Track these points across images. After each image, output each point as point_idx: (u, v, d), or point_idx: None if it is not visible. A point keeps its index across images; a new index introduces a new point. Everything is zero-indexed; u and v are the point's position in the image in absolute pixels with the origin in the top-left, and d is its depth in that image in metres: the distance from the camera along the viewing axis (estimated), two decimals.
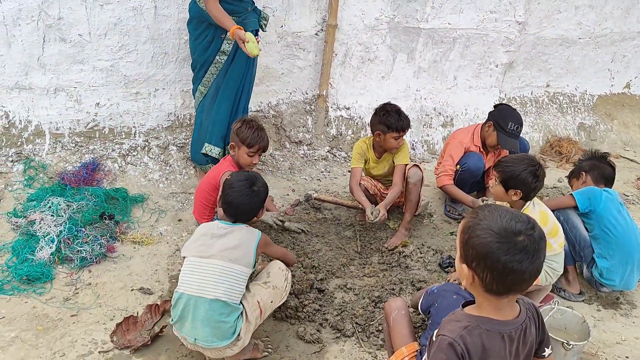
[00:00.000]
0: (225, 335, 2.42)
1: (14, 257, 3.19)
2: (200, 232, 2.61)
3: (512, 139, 3.89)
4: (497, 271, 1.28)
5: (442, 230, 3.93)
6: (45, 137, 3.88)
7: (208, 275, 2.45)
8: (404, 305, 2.41)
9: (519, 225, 1.31)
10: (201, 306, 2.41)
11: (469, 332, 1.34)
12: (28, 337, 2.70)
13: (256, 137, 3.28)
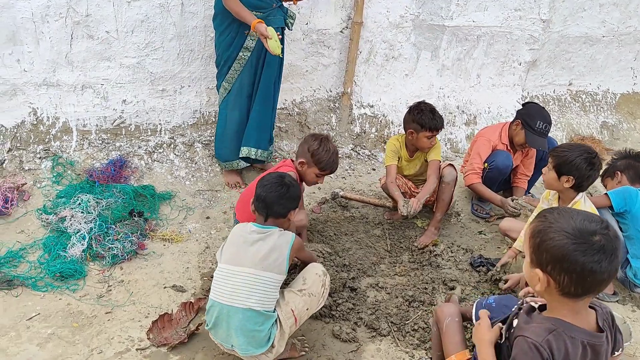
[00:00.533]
0: (260, 343, 2.41)
1: (46, 254, 3.19)
2: (234, 236, 2.56)
3: (541, 137, 3.85)
4: (575, 273, 1.24)
5: (471, 229, 3.90)
6: (72, 133, 3.87)
7: (240, 284, 2.41)
8: (457, 312, 2.34)
9: (593, 225, 1.28)
10: (234, 315, 2.39)
11: (555, 337, 1.30)
12: (64, 333, 2.70)
13: (331, 164, 3.24)
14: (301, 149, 3.25)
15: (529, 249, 1.36)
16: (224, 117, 3.92)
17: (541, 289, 1.32)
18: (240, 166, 4.02)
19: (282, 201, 2.58)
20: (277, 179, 2.64)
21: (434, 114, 3.55)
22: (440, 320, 2.35)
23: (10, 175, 3.63)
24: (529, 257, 1.36)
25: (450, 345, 2.28)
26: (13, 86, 3.65)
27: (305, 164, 3.20)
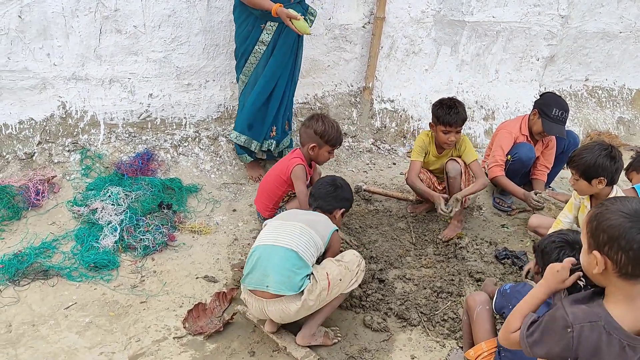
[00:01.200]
0: (293, 286, 2.50)
1: (79, 245, 3.24)
2: (287, 211, 2.91)
3: (557, 124, 3.89)
4: (632, 251, 1.28)
5: (493, 223, 3.94)
6: (100, 127, 3.93)
7: (287, 231, 2.63)
8: (488, 300, 2.42)
9: None
10: (276, 254, 2.54)
11: (592, 327, 1.33)
12: (102, 322, 2.75)
13: (339, 137, 3.41)
14: (306, 135, 3.39)
15: (586, 234, 1.39)
16: (241, 107, 3.97)
17: (598, 271, 1.35)
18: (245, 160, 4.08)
19: (329, 198, 2.92)
20: (330, 179, 3.03)
21: (452, 109, 3.54)
22: (471, 308, 2.41)
23: (40, 168, 3.69)
24: (586, 244, 1.40)
25: (480, 332, 2.36)
26: (43, 80, 3.70)
27: (316, 147, 3.35)
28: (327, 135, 3.33)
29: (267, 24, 3.59)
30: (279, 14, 3.40)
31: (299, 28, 3.40)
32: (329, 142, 3.35)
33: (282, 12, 3.39)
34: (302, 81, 4.49)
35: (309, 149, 3.37)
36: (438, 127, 3.61)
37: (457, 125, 3.58)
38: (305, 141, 3.39)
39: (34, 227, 3.36)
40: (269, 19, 3.55)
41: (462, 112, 3.60)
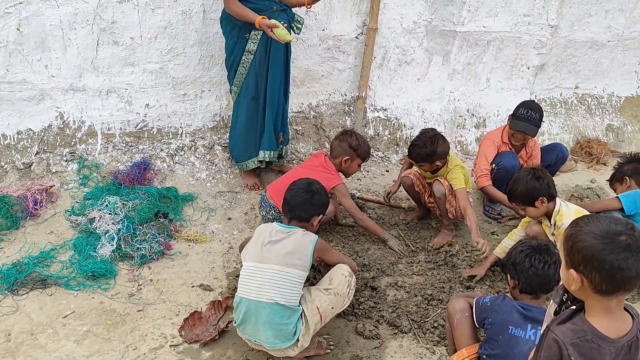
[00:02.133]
0: (287, 337, 2.53)
1: (77, 254, 3.30)
2: (258, 235, 2.69)
3: (521, 122, 3.99)
4: (605, 271, 1.36)
5: (483, 230, 4.02)
6: (97, 137, 3.99)
7: (266, 279, 2.54)
8: (468, 307, 2.47)
9: (619, 227, 1.40)
10: (262, 310, 2.51)
11: (582, 342, 1.40)
12: (99, 330, 2.82)
13: (369, 151, 3.74)
14: (340, 148, 3.59)
15: (563, 252, 1.47)
16: (234, 119, 4.05)
17: (576, 288, 1.43)
18: (250, 167, 4.11)
19: (306, 206, 2.73)
20: (305, 185, 2.81)
21: (411, 145, 3.68)
22: (451, 315, 2.49)
23: (38, 178, 3.75)
24: (564, 261, 1.48)
25: (461, 339, 2.45)
26: (41, 91, 3.76)
27: (349, 160, 3.58)
28: (360, 149, 3.61)
29: (251, 34, 3.65)
30: (262, 26, 3.48)
31: (279, 36, 3.46)
32: (360, 156, 3.64)
33: (264, 24, 3.47)
34: (297, 90, 4.57)
35: (342, 161, 3.59)
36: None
37: (416, 162, 3.70)
38: (338, 154, 3.61)
39: (32, 237, 3.42)
40: (252, 28, 3.60)
41: (421, 150, 3.59)
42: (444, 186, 3.66)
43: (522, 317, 2.30)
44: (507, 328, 2.28)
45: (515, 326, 2.27)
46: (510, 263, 2.39)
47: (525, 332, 2.27)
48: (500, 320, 2.31)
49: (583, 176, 5.04)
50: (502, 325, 2.30)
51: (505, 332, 2.28)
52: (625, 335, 1.43)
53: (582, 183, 4.85)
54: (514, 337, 2.27)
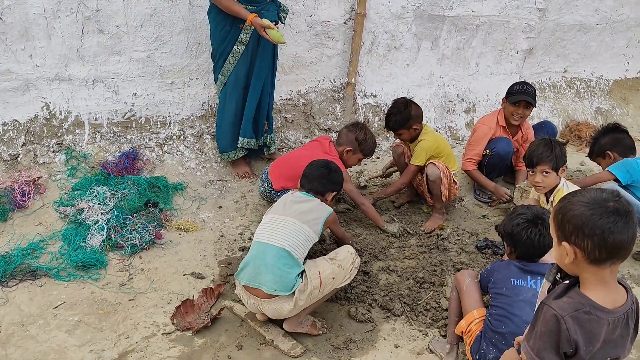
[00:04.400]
0: (285, 286, 2.58)
1: (66, 245, 3.28)
2: (282, 198, 2.92)
3: (520, 94, 4.07)
4: (596, 236, 1.37)
5: (474, 214, 4.04)
6: (84, 127, 3.95)
7: (280, 228, 2.70)
8: (475, 274, 2.63)
9: (606, 194, 1.42)
10: (269, 252, 2.62)
11: (580, 315, 1.41)
12: (91, 320, 2.80)
13: (374, 149, 3.80)
14: (346, 137, 3.66)
15: (554, 228, 1.47)
16: (221, 109, 4.01)
17: (569, 261, 1.43)
18: (238, 156, 4.09)
19: (323, 181, 2.98)
20: (324, 162, 3.09)
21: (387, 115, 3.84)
22: (460, 282, 2.60)
23: (25, 169, 3.71)
24: (555, 237, 1.48)
25: (470, 302, 2.53)
26: (26, 81, 3.71)
27: (351, 151, 3.63)
28: (364, 145, 3.67)
29: (245, 24, 3.62)
30: (254, 24, 3.50)
31: (273, 37, 3.49)
32: (363, 152, 3.70)
33: (257, 23, 3.47)
34: (285, 78, 4.55)
35: (344, 151, 3.64)
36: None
37: (389, 130, 3.88)
38: (343, 142, 3.67)
39: (20, 228, 3.39)
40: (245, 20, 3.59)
41: (390, 122, 3.78)
42: (439, 169, 3.66)
43: (521, 271, 2.45)
44: (509, 281, 2.42)
45: (516, 278, 2.42)
46: (507, 233, 2.53)
47: (526, 282, 2.42)
48: (502, 277, 2.46)
49: (573, 159, 5.04)
50: (505, 280, 2.44)
51: (508, 284, 2.42)
52: (621, 307, 1.44)
53: (572, 166, 4.86)
54: (516, 287, 2.40)
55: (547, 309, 1.44)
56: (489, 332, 2.39)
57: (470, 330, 2.48)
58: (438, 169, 3.66)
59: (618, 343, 1.45)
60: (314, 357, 2.67)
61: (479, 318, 2.47)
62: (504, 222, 2.61)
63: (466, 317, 2.50)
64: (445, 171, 3.68)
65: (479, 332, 2.44)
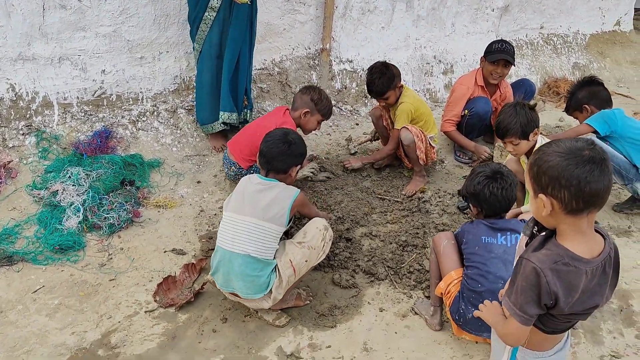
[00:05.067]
0: (259, 288, 2.52)
1: (42, 228, 3.21)
2: (239, 187, 2.68)
3: (496, 53, 4.03)
4: (573, 187, 1.34)
5: (455, 175, 4.03)
6: (53, 107, 3.83)
7: (241, 231, 2.53)
8: (452, 236, 2.61)
9: (580, 144, 1.39)
10: (235, 261, 2.51)
11: (559, 267, 1.39)
12: (72, 302, 2.75)
13: (331, 109, 3.64)
14: (301, 101, 3.50)
15: (530, 181, 1.44)
16: (198, 79, 3.93)
17: (547, 213, 1.40)
18: (217, 129, 4.01)
19: (283, 157, 2.69)
20: (280, 135, 2.75)
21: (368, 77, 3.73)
22: (437, 244, 2.59)
23: None
24: (531, 190, 1.45)
25: (448, 264, 2.53)
26: None
27: (309, 113, 3.48)
28: (320, 104, 3.51)
29: None
30: None
31: None
32: (321, 112, 3.54)
33: None
34: (259, 47, 4.42)
35: (301, 114, 3.49)
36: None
37: (373, 96, 3.77)
38: (298, 106, 3.51)
39: None
40: None
41: (376, 85, 3.65)
42: (412, 133, 3.62)
43: (490, 229, 2.47)
44: (480, 239, 2.44)
45: (486, 236, 2.44)
46: (471, 194, 2.52)
47: (496, 239, 2.44)
48: (473, 237, 2.47)
49: (552, 115, 5.06)
50: (476, 239, 2.45)
51: (479, 243, 2.43)
52: (599, 255, 1.43)
53: (551, 122, 4.87)
54: (488, 244, 2.42)
55: (526, 263, 1.42)
56: (467, 291, 2.40)
57: (450, 292, 2.49)
58: (411, 133, 3.62)
59: (596, 292, 1.44)
60: (299, 325, 2.66)
61: (457, 279, 2.47)
62: (465, 184, 2.60)
63: (444, 279, 2.51)
64: (419, 135, 3.65)
65: (457, 293, 2.45)
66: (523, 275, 1.43)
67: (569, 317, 1.48)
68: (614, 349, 2.54)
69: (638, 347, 2.56)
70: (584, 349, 2.54)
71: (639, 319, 2.73)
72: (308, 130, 3.61)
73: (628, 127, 3.39)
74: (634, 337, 2.62)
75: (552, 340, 1.58)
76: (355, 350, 2.51)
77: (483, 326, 2.37)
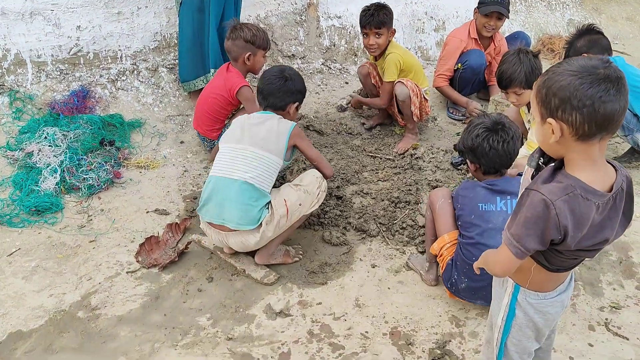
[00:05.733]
0: (251, 220, 2.44)
1: (18, 191, 3.06)
2: (236, 121, 2.66)
3: (490, 5, 3.88)
4: (586, 107, 1.21)
5: (448, 132, 3.90)
6: (27, 66, 3.63)
7: (240, 158, 2.50)
8: (448, 193, 2.43)
9: (594, 61, 1.25)
10: (231, 187, 2.45)
11: (570, 198, 1.27)
12: (50, 265, 2.63)
13: (267, 38, 3.30)
14: (236, 47, 3.23)
15: (537, 105, 1.30)
16: (180, 34, 3.76)
17: (555, 139, 1.27)
18: (198, 87, 3.82)
19: (279, 94, 2.67)
20: (276, 72, 2.74)
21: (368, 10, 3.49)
22: (433, 202, 2.43)
23: None
24: (538, 116, 1.31)
25: (442, 225, 2.38)
26: None
27: (251, 55, 3.22)
28: (258, 40, 3.22)
29: None
30: None
31: None
32: (260, 46, 3.25)
33: None
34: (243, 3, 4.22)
35: (245, 60, 3.23)
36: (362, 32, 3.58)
37: (370, 26, 3.46)
38: (237, 54, 3.23)
39: None
40: None
41: (378, 14, 3.44)
42: (407, 87, 3.47)
43: (489, 193, 2.26)
44: (476, 207, 2.24)
45: (484, 202, 2.23)
46: (468, 149, 2.30)
47: (495, 205, 2.22)
48: (469, 202, 2.27)
49: None
50: (472, 206, 2.26)
51: (476, 211, 2.23)
52: (611, 188, 1.30)
53: None
54: (485, 212, 2.22)
55: (534, 194, 1.29)
56: (460, 261, 2.25)
57: (442, 255, 2.36)
58: (407, 88, 3.47)
59: (606, 225, 1.33)
60: (289, 283, 2.56)
61: (450, 242, 2.32)
62: (462, 137, 2.38)
63: (438, 241, 2.36)
64: (414, 89, 3.50)
65: (450, 259, 2.31)
66: (530, 207, 1.30)
67: (576, 253, 1.37)
68: (614, 300, 2.47)
69: (638, 297, 2.49)
70: (583, 300, 2.47)
71: (638, 270, 2.65)
72: (258, 70, 3.33)
73: (629, 75, 3.26)
74: (634, 288, 2.55)
75: (555, 280, 1.48)
76: (347, 306, 2.41)
77: (477, 294, 2.26)
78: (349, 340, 2.25)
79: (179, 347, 2.22)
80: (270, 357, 2.17)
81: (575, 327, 2.33)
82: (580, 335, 2.29)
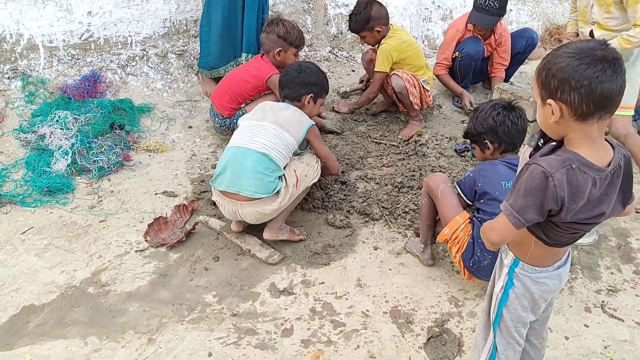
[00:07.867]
0: (267, 189, 2.53)
1: (30, 172, 3.14)
2: (259, 106, 2.77)
3: (479, 12, 3.90)
4: (584, 88, 1.26)
5: (453, 120, 3.94)
6: (39, 50, 3.70)
7: (260, 133, 2.60)
8: (446, 178, 2.47)
9: (591, 44, 1.30)
10: (249, 157, 2.53)
11: (568, 171, 1.32)
12: (61, 243, 2.71)
13: (302, 36, 3.41)
14: (269, 41, 3.32)
15: (538, 88, 1.35)
16: (206, 21, 3.76)
17: (555, 119, 1.32)
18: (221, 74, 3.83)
19: (293, 85, 2.77)
20: (296, 65, 2.88)
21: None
22: (433, 188, 2.43)
23: None
24: (539, 98, 1.36)
25: (449, 208, 2.38)
26: None
27: (282, 51, 3.31)
28: (290, 36, 3.31)
29: None
30: None
31: None
32: (293, 44, 3.33)
33: None
34: None
35: (275, 55, 3.31)
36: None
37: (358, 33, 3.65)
38: (269, 48, 3.32)
39: None
40: None
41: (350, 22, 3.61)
42: (402, 79, 3.52)
43: (510, 170, 2.30)
44: (499, 184, 2.27)
45: (506, 180, 2.27)
46: (489, 129, 2.34)
47: None
48: (491, 181, 2.29)
49: None
50: (495, 184, 2.28)
51: (500, 189, 2.26)
52: (609, 165, 1.36)
53: None
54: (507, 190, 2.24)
55: (534, 167, 1.34)
56: None
57: (457, 237, 2.34)
58: (401, 79, 3.52)
59: (603, 200, 1.38)
60: (293, 263, 2.62)
61: (464, 222, 2.33)
62: (476, 121, 2.39)
63: (450, 225, 2.35)
64: (410, 80, 3.54)
65: (470, 238, 2.31)
66: (529, 179, 1.35)
67: (573, 226, 1.42)
68: (611, 284, 2.51)
69: (635, 281, 2.53)
70: (580, 283, 2.52)
71: (637, 256, 2.70)
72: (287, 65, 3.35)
73: None
74: (632, 272, 2.59)
75: (553, 255, 1.53)
76: (348, 286, 2.47)
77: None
78: (350, 318, 2.31)
79: (185, 322, 2.29)
80: (274, 333, 2.24)
81: (572, 308, 2.39)
82: (577, 317, 2.34)
